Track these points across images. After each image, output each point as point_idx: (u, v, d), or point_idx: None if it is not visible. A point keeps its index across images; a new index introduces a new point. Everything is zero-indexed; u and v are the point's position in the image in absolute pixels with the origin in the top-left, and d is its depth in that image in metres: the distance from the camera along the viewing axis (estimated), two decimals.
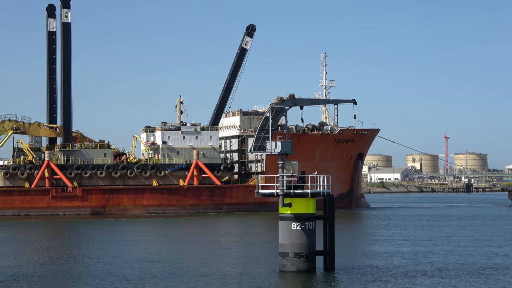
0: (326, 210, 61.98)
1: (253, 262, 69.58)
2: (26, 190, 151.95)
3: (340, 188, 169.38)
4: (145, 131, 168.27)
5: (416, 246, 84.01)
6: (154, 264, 69.06)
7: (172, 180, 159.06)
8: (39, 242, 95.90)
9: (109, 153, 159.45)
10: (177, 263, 69.93)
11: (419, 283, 57.74)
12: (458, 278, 60.34)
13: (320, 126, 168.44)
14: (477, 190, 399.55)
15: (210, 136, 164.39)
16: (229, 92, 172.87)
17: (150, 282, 58.61)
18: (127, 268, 66.74)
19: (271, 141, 62.58)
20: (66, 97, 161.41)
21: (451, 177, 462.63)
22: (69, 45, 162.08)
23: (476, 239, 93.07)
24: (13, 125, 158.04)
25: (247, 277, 60.38)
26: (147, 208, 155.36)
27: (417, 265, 67.54)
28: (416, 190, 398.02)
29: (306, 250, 59.98)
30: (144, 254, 77.41)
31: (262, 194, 62.36)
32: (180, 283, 58.09)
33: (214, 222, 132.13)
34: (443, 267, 65.81)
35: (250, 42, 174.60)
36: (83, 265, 69.10)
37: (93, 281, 59.18)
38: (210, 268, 65.41)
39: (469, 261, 70.46)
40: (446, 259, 71.87)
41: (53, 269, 67.14)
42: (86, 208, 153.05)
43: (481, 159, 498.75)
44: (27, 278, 61.31)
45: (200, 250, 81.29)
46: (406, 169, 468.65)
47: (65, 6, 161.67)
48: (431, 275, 61.66)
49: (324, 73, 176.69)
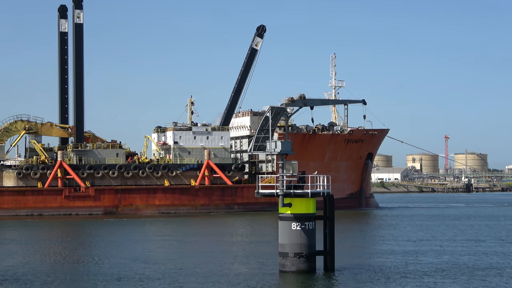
0: (326, 210, 62.12)
1: (253, 262, 69.86)
2: (39, 190, 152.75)
3: (350, 188, 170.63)
4: (156, 131, 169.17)
5: (454, 248, 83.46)
6: (149, 264, 69.27)
7: (184, 180, 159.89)
8: (67, 242, 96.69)
9: (121, 153, 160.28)
10: (182, 263, 70.40)
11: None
12: (469, 278, 60.53)
13: (330, 126, 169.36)
14: (477, 190, 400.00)
15: (221, 136, 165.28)
16: (239, 93, 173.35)
17: (145, 282, 59.00)
18: (121, 268, 67.28)
19: (271, 141, 62.66)
20: (79, 98, 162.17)
21: (451, 177, 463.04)
22: (82, 46, 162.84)
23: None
24: (25, 125, 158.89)
25: (247, 277, 60.64)
26: (159, 208, 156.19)
27: (440, 264, 67.77)
28: (416, 190, 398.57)
29: (306, 250, 60.06)
30: (144, 254, 77.82)
31: (262, 194, 62.41)
32: (182, 283, 58.46)
33: (224, 222, 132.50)
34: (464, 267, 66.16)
35: (260, 42, 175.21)
36: (98, 265, 70.26)
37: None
38: (210, 268, 65.84)
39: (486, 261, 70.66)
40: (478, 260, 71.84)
41: (83, 270, 67.69)
42: (98, 208, 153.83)
43: (481, 159, 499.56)
44: (49, 277, 61.90)
45: (204, 250, 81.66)
46: (406, 169, 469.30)
47: (77, 7, 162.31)
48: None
49: (333, 73, 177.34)
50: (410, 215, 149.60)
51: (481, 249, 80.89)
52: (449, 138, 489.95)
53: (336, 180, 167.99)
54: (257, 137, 64.19)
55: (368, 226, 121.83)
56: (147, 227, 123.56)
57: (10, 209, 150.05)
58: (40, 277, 61.99)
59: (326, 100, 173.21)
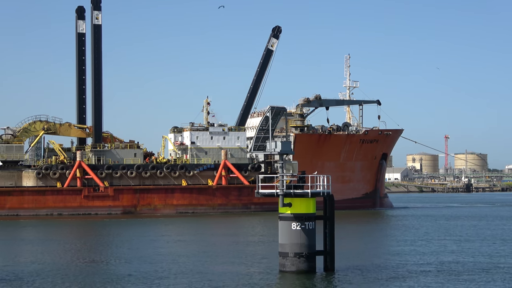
0: (326, 210, 61.93)
1: (254, 262, 70.23)
2: (59, 190, 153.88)
3: (364, 188, 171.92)
4: (173, 131, 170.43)
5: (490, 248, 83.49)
6: (147, 264, 69.78)
7: (201, 180, 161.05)
8: (99, 241, 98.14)
9: (138, 153, 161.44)
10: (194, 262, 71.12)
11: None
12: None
13: (345, 127, 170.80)
14: (477, 190, 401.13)
15: (237, 136, 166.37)
16: (255, 93, 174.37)
17: (142, 281, 59.43)
18: (117, 266, 68.08)
19: (271, 141, 62.69)
20: (97, 98, 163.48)
21: (451, 177, 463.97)
22: (100, 47, 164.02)
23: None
24: (44, 125, 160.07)
25: (247, 277, 60.87)
26: (177, 207, 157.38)
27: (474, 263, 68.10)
28: (416, 190, 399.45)
29: (306, 250, 59.99)
30: (144, 254, 78.36)
31: (262, 194, 62.33)
32: (186, 282, 58.92)
33: (241, 221, 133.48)
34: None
35: (276, 43, 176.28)
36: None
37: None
38: (210, 268, 66.40)
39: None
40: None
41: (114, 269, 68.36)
42: (117, 207, 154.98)
43: (481, 159, 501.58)
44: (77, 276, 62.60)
45: (212, 249, 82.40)
46: (406, 169, 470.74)
47: (96, 8, 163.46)
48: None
49: (347, 74, 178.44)
50: (430, 215, 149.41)
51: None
52: (449, 138, 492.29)
53: (351, 180, 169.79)
54: (257, 137, 64.38)
55: (383, 226, 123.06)
56: (167, 226, 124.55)
57: (30, 209, 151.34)
58: (66, 276, 62.46)
59: (342, 101, 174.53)
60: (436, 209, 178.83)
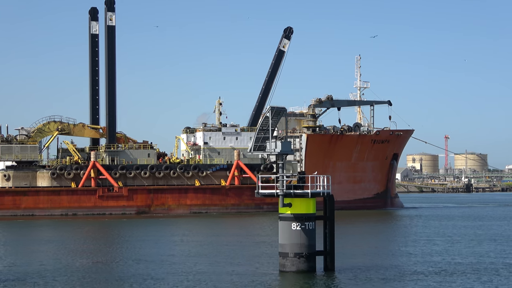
0: (326, 210, 61.93)
1: (254, 262, 70.38)
2: (74, 190, 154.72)
3: (375, 188, 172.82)
4: (185, 132, 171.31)
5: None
6: (148, 264, 70.06)
7: (214, 180, 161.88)
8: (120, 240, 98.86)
9: (152, 154, 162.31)
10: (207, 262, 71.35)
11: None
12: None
13: (356, 127, 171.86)
14: (477, 190, 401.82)
15: (250, 136, 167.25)
16: (267, 94, 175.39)
17: (144, 282, 59.80)
18: (123, 267, 68.46)
19: (271, 141, 62.68)
20: (111, 99, 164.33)
21: (451, 177, 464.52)
22: (114, 48, 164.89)
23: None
24: (58, 126, 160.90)
25: (247, 277, 61.02)
26: (191, 207, 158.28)
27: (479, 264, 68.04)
28: (416, 190, 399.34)
29: (306, 250, 60.03)
30: (146, 254, 78.80)
31: (262, 194, 62.42)
32: (191, 282, 59.25)
33: (253, 221, 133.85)
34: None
35: (287, 44, 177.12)
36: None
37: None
38: (211, 267, 66.79)
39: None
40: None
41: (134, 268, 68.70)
42: (131, 207, 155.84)
43: (481, 159, 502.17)
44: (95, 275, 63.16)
45: (216, 250, 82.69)
46: (406, 169, 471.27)
47: (109, 9, 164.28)
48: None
49: (358, 74, 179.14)
50: (446, 215, 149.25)
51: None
52: (449, 138, 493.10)
53: (362, 180, 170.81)
54: (257, 137, 64.34)
55: (395, 225, 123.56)
56: (182, 225, 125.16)
57: (46, 209, 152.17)
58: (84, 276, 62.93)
59: (353, 101, 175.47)
60: (446, 209, 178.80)
